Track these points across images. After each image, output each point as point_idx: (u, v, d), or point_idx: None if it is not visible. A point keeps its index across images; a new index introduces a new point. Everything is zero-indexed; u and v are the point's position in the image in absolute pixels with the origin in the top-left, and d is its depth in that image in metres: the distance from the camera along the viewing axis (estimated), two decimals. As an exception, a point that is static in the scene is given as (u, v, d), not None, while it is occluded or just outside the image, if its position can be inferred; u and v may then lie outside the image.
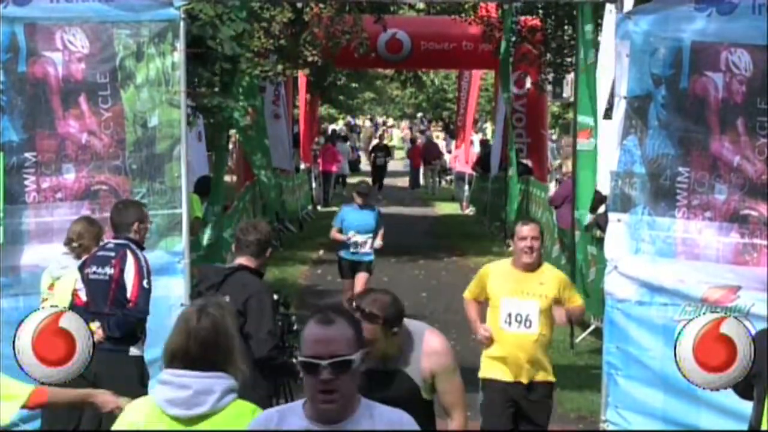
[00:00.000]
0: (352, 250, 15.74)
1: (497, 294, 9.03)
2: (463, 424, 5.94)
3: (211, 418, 4.54)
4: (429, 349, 5.88)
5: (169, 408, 4.56)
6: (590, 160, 14.86)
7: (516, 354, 8.97)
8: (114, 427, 4.70)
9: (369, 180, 41.16)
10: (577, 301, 9.30)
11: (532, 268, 9.05)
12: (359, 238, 15.69)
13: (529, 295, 8.97)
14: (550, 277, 9.12)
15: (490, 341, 9.02)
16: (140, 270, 8.64)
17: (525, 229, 9.07)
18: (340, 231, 15.86)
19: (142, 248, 8.91)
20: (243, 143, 22.63)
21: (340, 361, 4.12)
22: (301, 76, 27.03)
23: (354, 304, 5.88)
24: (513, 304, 8.96)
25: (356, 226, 15.80)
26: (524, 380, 9.04)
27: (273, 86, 24.56)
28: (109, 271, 8.65)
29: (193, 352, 4.59)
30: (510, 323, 8.96)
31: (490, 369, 9.10)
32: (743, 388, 6.42)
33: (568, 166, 20.49)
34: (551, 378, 9.22)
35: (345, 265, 15.89)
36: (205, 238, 16.62)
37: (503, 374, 9.03)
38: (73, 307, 8.42)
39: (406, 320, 6.02)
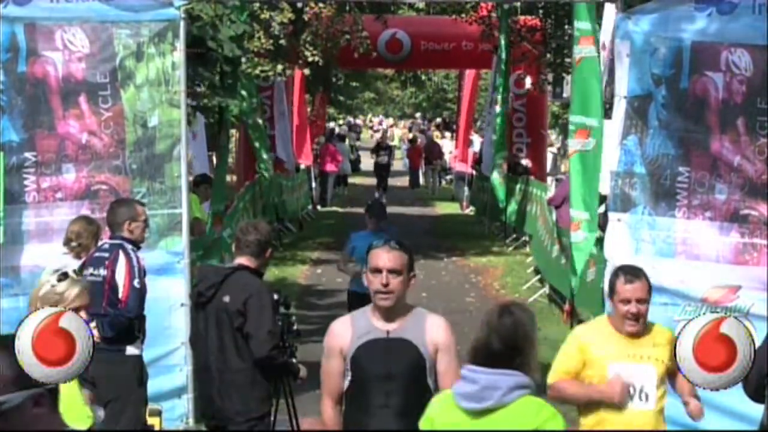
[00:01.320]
0: (364, 281, 12.72)
1: (602, 359, 6.69)
2: None
3: (497, 412, 4.81)
4: (432, 323, 5.91)
5: (461, 400, 4.88)
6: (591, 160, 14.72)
7: None
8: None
9: (367, 180, 41.07)
10: None
11: (639, 335, 6.74)
12: None
13: (643, 359, 6.69)
14: (664, 338, 6.74)
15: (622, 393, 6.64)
16: (131, 270, 8.60)
17: (628, 289, 6.66)
18: (351, 262, 12.89)
19: (138, 247, 8.86)
20: (251, 139, 22.58)
21: None
22: (297, 75, 26.98)
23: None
24: (624, 372, 6.65)
25: None
26: None
27: (282, 83, 24.59)
28: (103, 272, 8.63)
29: (494, 347, 4.84)
30: None
31: None
32: (754, 390, 6.40)
33: (566, 166, 20.49)
34: None
35: (355, 301, 12.02)
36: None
37: None
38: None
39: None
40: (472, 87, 34.74)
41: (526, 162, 26.68)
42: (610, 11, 14.22)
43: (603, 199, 14.98)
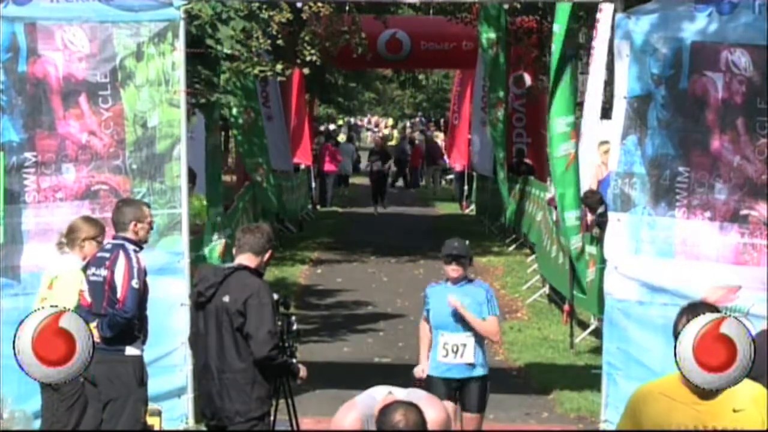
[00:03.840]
0: (441, 358, 9.05)
1: None
2: None
3: None
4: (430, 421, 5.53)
5: None
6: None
7: None
8: None
9: (367, 181, 40.88)
10: None
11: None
12: (452, 339, 9.03)
13: None
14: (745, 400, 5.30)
15: None
16: (130, 270, 8.58)
17: None
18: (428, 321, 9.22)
19: (140, 248, 8.84)
20: (238, 144, 22.55)
21: None
22: (295, 75, 26.85)
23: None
24: None
25: (449, 318, 9.03)
26: None
27: (261, 87, 24.40)
28: (103, 272, 8.63)
29: None
30: None
31: None
32: None
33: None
34: None
35: (438, 387, 8.90)
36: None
37: None
38: (79, 307, 8.45)
39: (410, 390, 5.88)
40: (463, 86, 34.66)
41: (527, 161, 26.67)
42: (607, 12, 14.20)
43: (602, 198, 14.99)
